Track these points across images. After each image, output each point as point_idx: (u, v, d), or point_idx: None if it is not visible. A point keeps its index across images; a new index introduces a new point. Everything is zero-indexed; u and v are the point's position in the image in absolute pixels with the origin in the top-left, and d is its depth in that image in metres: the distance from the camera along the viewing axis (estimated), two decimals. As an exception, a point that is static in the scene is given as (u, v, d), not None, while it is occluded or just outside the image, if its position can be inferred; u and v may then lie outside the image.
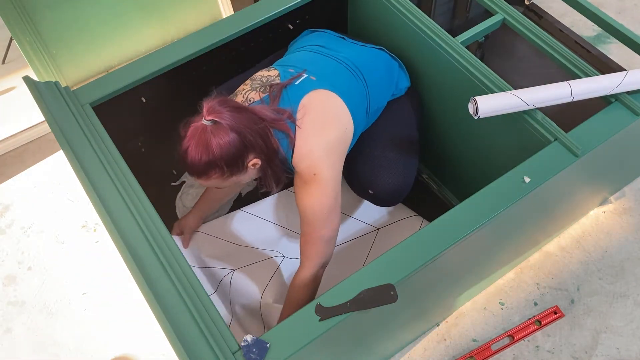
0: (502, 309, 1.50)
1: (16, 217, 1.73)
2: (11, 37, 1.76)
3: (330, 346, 1.05)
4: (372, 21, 1.52)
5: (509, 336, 1.45)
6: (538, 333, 1.46)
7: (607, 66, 1.49)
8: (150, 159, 1.54)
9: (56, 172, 1.82)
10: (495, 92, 1.21)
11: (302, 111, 1.19)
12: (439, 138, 1.53)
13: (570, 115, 1.28)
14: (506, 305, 1.51)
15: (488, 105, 1.13)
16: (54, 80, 1.28)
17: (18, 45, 1.66)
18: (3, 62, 2.08)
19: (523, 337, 1.45)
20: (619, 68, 1.48)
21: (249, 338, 0.91)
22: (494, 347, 1.44)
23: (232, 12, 1.97)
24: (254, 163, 1.15)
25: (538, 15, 1.65)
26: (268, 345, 0.91)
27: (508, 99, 1.14)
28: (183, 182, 1.69)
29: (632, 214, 1.64)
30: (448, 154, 1.54)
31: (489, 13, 1.38)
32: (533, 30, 1.31)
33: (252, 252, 1.49)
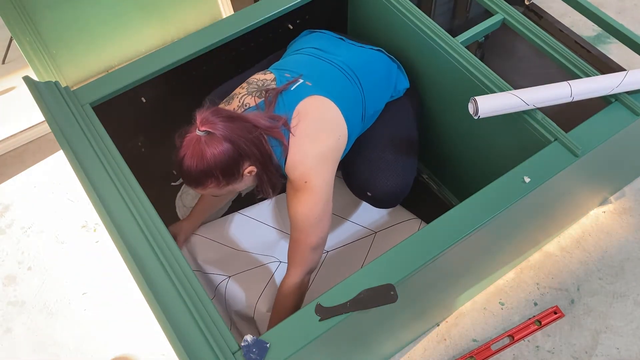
0: (502, 309, 1.50)
1: (16, 217, 1.73)
2: (11, 37, 1.76)
3: (330, 346, 1.05)
4: (372, 21, 1.52)
5: (509, 336, 1.45)
6: (538, 333, 1.46)
7: (607, 66, 1.49)
8: (150, 159, 1.54)
9: (56, 172, 1.82)
10: (495, 92, 1.21)
11: (297, 118, 1.19)
12: (439, 138, 1.53)
13: (570, 115, 1.28)
14: (506, 305, 1.51)
15: (488, 105, 1.13)
16: (54, 80, 1.28)
17: (18, 45, 1.66)
18: (3, 62, 2.08)
19: (523, 337, 1.45)
20: (619, 68, 1.48)
21: (249, 338, 0.91)
22: (494, 347, 1.44)
23: (232, 12, 1.97)
24: (250, 171, 1.15)
25: (538, 15, 1.65)
26: (268, 345, 0.91)
27: (508, 99, 1.14)
28: (183, 182, 1.69)
29: (632, 214, 1.64)
30: (448, 154, 1.54)
31: (489, 13, 1.38)
32: (533, 30, 1.31)
33: (248, 257, 1.49)
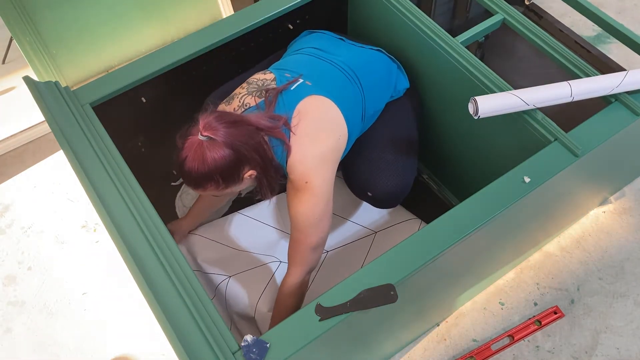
0: (502, 309, 1.50)
1: (16, 217, 1.73)
2: (11, 37, 1.76)
3: (330, 346, 1.05)
4: (372, 21, 1.52)
5: (509, 336, 1.45)
6: (538, 333, 1.46)
7: (607, 66, 1.49)
8: (150, 159, 1.54)
9: (56, 172, 1.82)
10: (495, 92, 1.21)
11: (297, 117, 1.19)
12: (439, 138, 1.53)
13: (570, 115, 1.28)
14: (506, 305, 1.51)
15: (488, 105, 1.13)
16: (54, 80, 1.28)
17: (18, 45, 1.66)
18: (3, 62, 2.08)
19: (523, 337, 1.45)
20: (619, 68, 1.48)
21: (249, 338, 0.91)
22: (494, 347, 1.44)
23: (232, 12, 1.97)
24: (250, 174, 1.15)
25: (538, 15, 1.65)
26: (268, 345, 0.91)
27: (508, 99, 1.14)
28: (183, 182, 1.69)
29: (632, 214, 1.64)
30: (448, 154, 1.54)
31: (489, 13, 1.38)
32: (533, 30, 1.31)
33: (249, 257, 1.49)
